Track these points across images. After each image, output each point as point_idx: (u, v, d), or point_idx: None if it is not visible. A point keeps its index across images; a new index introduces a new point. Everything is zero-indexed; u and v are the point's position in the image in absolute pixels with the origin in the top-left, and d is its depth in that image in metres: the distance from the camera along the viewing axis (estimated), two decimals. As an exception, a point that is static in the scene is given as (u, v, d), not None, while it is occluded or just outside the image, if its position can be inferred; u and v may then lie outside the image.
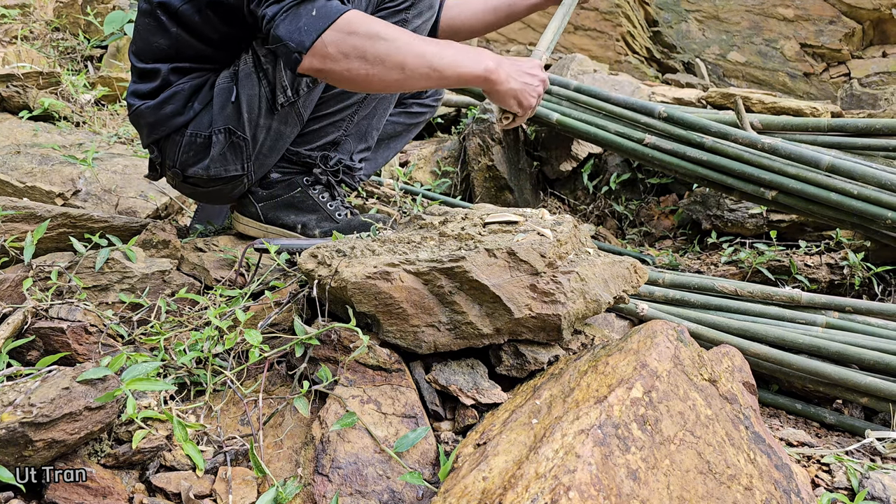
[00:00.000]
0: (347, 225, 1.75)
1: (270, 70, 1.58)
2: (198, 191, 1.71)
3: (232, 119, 1.60)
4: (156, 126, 1.62)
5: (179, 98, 1.60)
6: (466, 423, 1.08)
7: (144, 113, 1.61)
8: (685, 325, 1.52)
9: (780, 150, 2.11)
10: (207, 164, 1.63)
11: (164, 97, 1.59)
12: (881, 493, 1.09)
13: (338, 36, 1.33)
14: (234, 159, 1.64)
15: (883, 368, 1.52)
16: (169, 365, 1.16)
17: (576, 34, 6.61)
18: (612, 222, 2.95)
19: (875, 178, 1.96)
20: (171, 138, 1.63)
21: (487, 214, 1.28)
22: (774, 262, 2.36)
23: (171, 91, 1.60)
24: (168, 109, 1.60)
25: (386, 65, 1.37)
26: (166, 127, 1.61)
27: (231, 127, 1.60)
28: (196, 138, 1.61)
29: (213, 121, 1.61)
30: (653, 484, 0.83)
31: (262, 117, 1.62)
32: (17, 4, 4.00)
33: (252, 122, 1.61)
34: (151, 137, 1.64)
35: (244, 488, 0.97)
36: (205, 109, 1.61)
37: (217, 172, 1.64)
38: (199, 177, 1.65)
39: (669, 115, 2.35)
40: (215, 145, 1.61)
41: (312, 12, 1.33)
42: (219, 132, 1.61)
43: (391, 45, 1.36)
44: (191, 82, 1.61)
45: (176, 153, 1.64)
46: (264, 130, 1.64)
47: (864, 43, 6.41)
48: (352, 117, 1.75)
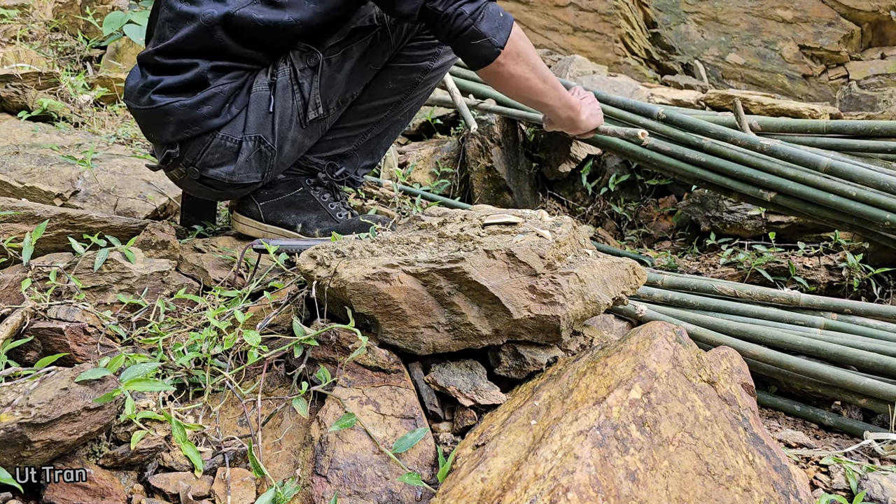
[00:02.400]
0: (347, 225, 1.75)
1: (306, 85, 1.59)
2: (208, 190, 1.69)
3: (264, 128, 1.59)
4: (187, 125, 1.55)
5: (218, 100, 1.55)
6: (465, 424, 1.08)
7: (177, 110, 1.53)
8: (684, 327, 1.52)
9: (778, 152, 2.12)
10: (233, 169, 1.61)
11: (203, 97, 1.53)
12: (879, 494, 1.09)
13: (518, 39, 1.53)
14: (258, 167, 1.64)
15: (881, 370, 1.52)
16: (167, 366, 1.16)
17: (574, 35, 6.62)
18: (610, 223, 2.95)
19: (874, 179, 1.96)
20: (199, 138, 1.57)
21: (486, 215, 1.28)
22: (773, 264, 2.36)
23: (211, 91, 1.54)
24: (204, 110, 1.54)
25: (537, 72, 1.60)
26: (199, 127, 1.55)
27: (262, 136, 1.60)
28: (226, 142, 1.58)
29: (245, 127, 1.58)
30: (651, 485, 0.83)
31: (292, 130, 1.62)
32: (15, 5, 4.00)
33: (282, 134, 1.62)
34: (178, 136, 1.57)
35: (243, 489, 0.97)
36: (240, 114, 1.58)
37: (240, 178, 1.63)
38: (219, 179, 1.61)
39: (668, 116, 2.36)
40: (244, 152, 1.60)
41: (500, 14, 1.51)
42: (249, 139, 1.59)
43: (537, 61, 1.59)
44: (230, 84, 1.56)
45: (199, 153, 1.59)
46: (290, 142, 1.64)
47: (862, 45, 6.42)
48: (365, 134, 1.79)
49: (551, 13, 6.68)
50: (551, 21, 6.66)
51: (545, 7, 6.67)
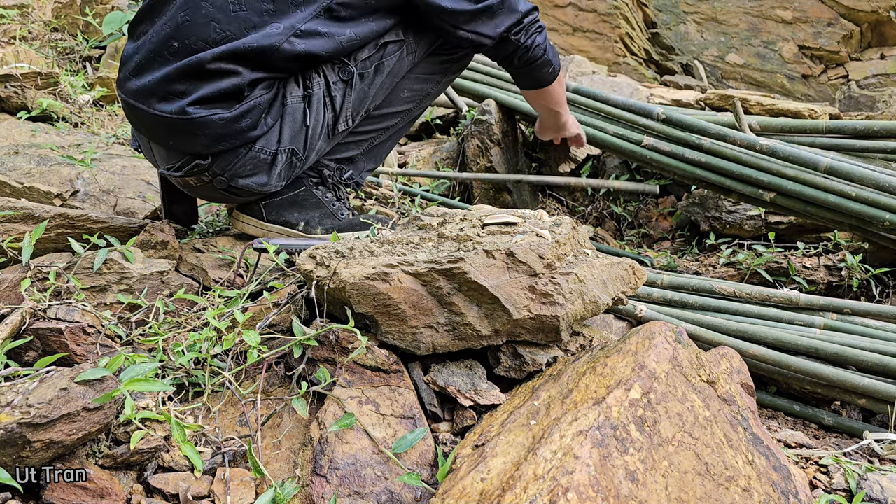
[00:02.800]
0: (349, 224, 1.76)
1: (339, 97, 1.59)
2: (228, 196, 1.67)
3: (297, 140, 1.59)
4: (224, 138, 1.49)
5: (257, 112, 1.49)
6: (465, 424, 1.08)
7: (214, 124, 1.46)
8: (683, 327, 1.52)
9: (778, 152, 2.12)
10: (266, 180, 1.59)
11: (242, 111, 1.47)
12: (879, 494, 1.09)
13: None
14: (286, 176, 1.64)
15: (881, 370, 1.52)
16: (167, 366, 1.16)
17: (574, 35, 6.62)
18: (610, 224, 2.95)
19: (873, 179, 1.96)
20: (234, 150, 1.52)
21: (486, 215, 1.28)
22: (773, 264, 2.36)
23: (251, 104, 1.48)
24: (244, 123, 1.48)
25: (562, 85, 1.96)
26: (237, 140, 1.50)
27: (295, 148, 1.59)
28: (260, 154, 1.55)
29: (280, 139, 1.56)
30: (651, 485, 0.83)
31: (320, 141, 1.63)
32: (15, 5, 4.00)
33: (311, 145, 1.62)
34: (214, 148, 1.50)
35: (242, 489, 0.97)
36: (275, 126, 1.56)
37: (269, 188, 1.63)
38: (249, 189, 1.60)
39: (668, 116, 2.36)
40: (278, 164, 1.59)
41: (550, 41, 1.77)
42: (284, 152, 1.58)
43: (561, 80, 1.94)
44: (265, 95, 1.50)
45: (232, 164, 1.54)
46: (315, 151, 1.65)
47: (862, 45, 6.42)
48: (373, 140, 1.81)
49: (551, 13, 6.68)
50: (551, 21, 6.66)
51: (545, 7, 6.67)
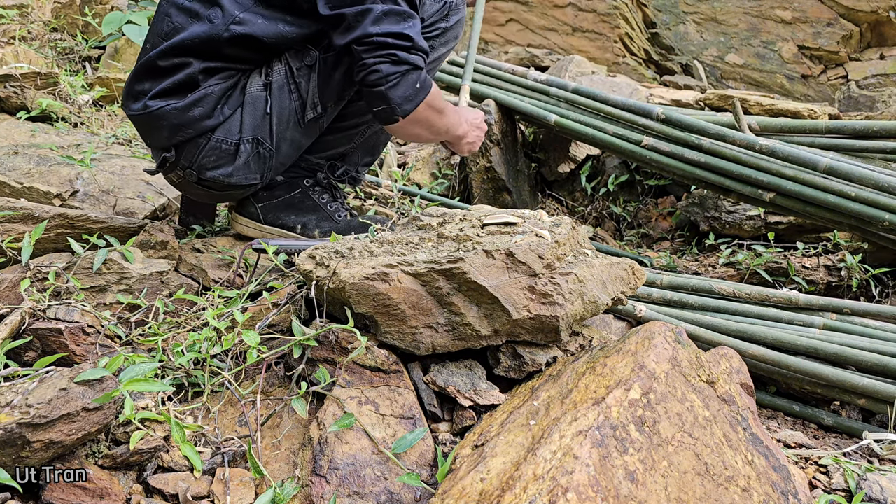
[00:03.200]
0: (347, 226, 1.75)
1: (303, 84, 1.58)
2: (208, 192, 1.68)
3: (262, 130, 1.58)
4: (180, 128, 1.54)
5: (209, 101, 1.53)
6: (464, 424, 1.08)
7: (168, 114, 1.53)
8: (683, 327, 1.52)
9: (777, 152, 2.12)
10: (231, 171, 1.60)
11: (194, 99, 1.52)
12: (878, 494, 1.09)
13: (423, 108, 1.57)
14: (257, 168, 1.63)
15: (880, 370, 1.52)
16: (167, 366, 1.16)
17: (574, 35, 6.62)
18: (610, 224, 2.95)
19: (873, 179, 1.96)
20: (193, 140, 1.56)
21: (486, 216, 1.28)
22: (772, 264, 2.36)
23: (201, 93, 1.53)
24: (196, 112, 1.53)
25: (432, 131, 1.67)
26: (193, 129, 1.54)
27: (259, 137, 1.59)
28: (222, 144, 1.57)
29: (242, 128, 1.57)
30: (651, 485, 0.83)
31: (290, 130, 1.61)
32: (15, 5, 4.00)
33: (280, 135, 1.61)
34: (173, 139, 1.56)
35: (242, 489, 0.97)
36: (233, 115, 1.57)
37: (238, 180, 1.62)
38: (217, 182, 1.61)
39: (667, 116, 2.36)
40: (242, 154, 1.59)
41: (417, 84, 1.53)
42: (247, 141, 1.58)
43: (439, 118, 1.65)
44: (220, 84, 1.55)
45: (195, 155, 1.58)
46: (288, 142, 1.63)
47: (861, 45, 6.42)
48: (364, 132, 1.79)
49: (550, 13, 6.69)
50: (550, 21, 6.67)
51: (544, 7, 6.68)
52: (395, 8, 1.47)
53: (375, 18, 1.46)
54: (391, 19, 1.47)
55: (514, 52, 4.93)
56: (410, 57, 1.49)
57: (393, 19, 1.47)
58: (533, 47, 6.03)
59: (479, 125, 1.88)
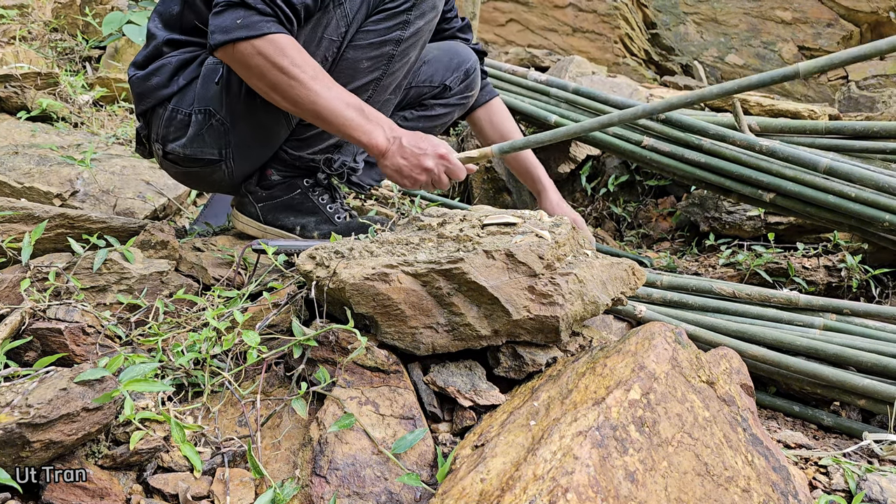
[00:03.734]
0: (346, 228, 1.75)
1: None
2: (178, 169, 1.71)
3: (214, 101, 1.60)
4: (142, 97, 1.63)
5: (166, 70, 1.61)
6: (464, 424, 1.08)
7: (134, 83, 1.64)
8: (683, 327, 1.52)
9: (777, 153, 2.12)
10: (185, 142, 1.63)
11: (153, 68, 1.61)
12: (878, 495, 1.09)
13: (251, 51, 1.42)
14: (213, 143, 1.64)
15: (880, 371, 1.52)
16: (167, 366, 1.16)
17: (574, 36, 6.62)
18: (610, 224, 2.95)
19: (873, 180, 1.96)
20: (155, 111, 1.64)
21: (486, 216, 1.28)
22: (772, 265, 2.36)
23: (160, 63, 1.61)
24: (154, 81, 1.61)
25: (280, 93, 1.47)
26: (151, 98, 1.62)
27: (212, 109, 1.60)
28: (176, 114, 1.62)
29: (194, 99, 1.61)
30: (651, 486, 0.83)
31: (242, 104, 1.60)
32: (15, 5, 4.00)
33: (232, 108, 1.60)
34: (139, 108, 1.66)
35: (242, 489, 0.97)
36: (189, 85, 1.61)
37: (193, 153, 1.64)
38: (176, 154, 1.65)
39: (667, 117, 2.36)
40: (194, 125, 1.62)
41: (238, 20, 1.41)
42: (199, 112, 1.61)
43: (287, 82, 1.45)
44: (180, 56, 1.62)
45: (159, 126, 1.65)
46: (246, 119, 1.61)
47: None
48: None
49: (550, 14, 6.69)
50: (550, 22, 6.67)
51: (544, 8, 6.68)
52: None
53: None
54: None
55: (515, 52, 4.93)
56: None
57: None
58: (533, 48, 6.03)
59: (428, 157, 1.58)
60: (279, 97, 1.48)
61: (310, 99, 1.46)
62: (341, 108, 1.49)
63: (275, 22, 1.44)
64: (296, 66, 1.44)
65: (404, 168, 1.57)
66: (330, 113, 1.48)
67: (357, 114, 1.50)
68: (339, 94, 1.49)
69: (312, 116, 1.50)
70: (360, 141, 1.53)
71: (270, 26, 1.43)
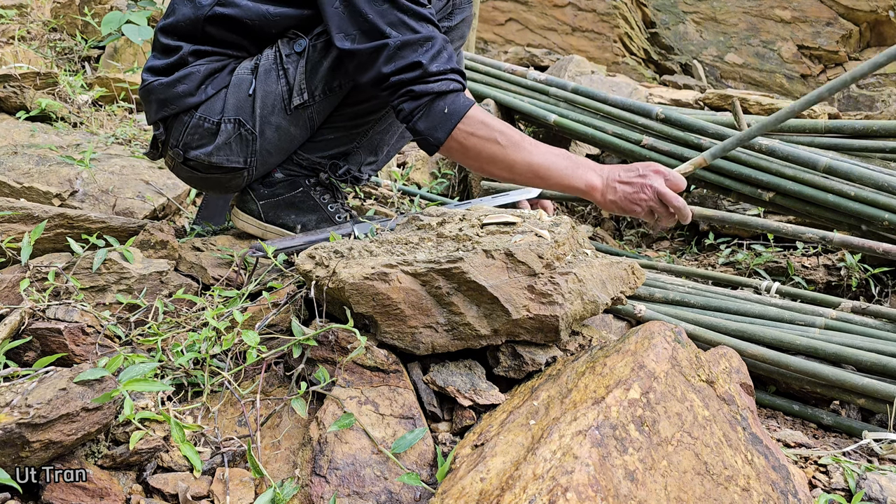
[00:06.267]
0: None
1: (291, 70, 1.59)
2: (195, 175, 1.70)
3: (244, 111, 1.61)
4: (165, 103, 1.62)
5: (194, 79, 1.60)
6: (464, 424, 1.08)
7: (155, 89, 1.61)
8: (682, 326, 1.52)
9: (777, 152, 2.12)
10: (211, 150, 1.63)
11: (179, 76, 1.60)
12: (878, 494, 1.09)
13: (463, 135, 1.50)
14: (239, 151, 1.64)
15: (880, 370, 1.52)
16: (166, 366, 1.16)
17: (573, 35, 6.62)
18: (609, 224, 2.95)
19: (872, 179, 1.96)
20: (178, 117, 1.63)
21: (485, 215, 1.28)
22: (772, 264, 2.36)
23: (187, 70, 1.60)
24: (180, 88, 1.60)
25: (497, 165, 1.54)
26: (176, 105, 1.61)
27: (242, 119, 1.61)
28: (204, 122, 1.61)
29: (224, 109, 1.61)
30: (650, 485, 0.83)
31: (274, 115, 1.62)
32: (14, 5, 4.00)
33: (263, 119, 1.62)
34: (159, 114, 1.64)
35: (242, 489, 0.97)
36: (217, 95, 1.61)
37: (219, 161, 1.64)
38: (200, 161, 1.64)
39: (667, 116, 2.36)
40: (222, 133, 1.62)
41: (444, 110, 1.48)
42: (228, 122, 1.61)
43: (502, 151, 1.52)
44: (208, 65, 1.61)
45: (181, 133, 1.63)
46: (273, 128, 1.64)
47: (861, 45, 6.43)
48: (367, 131, 1.77)
49: (550, 13, 6.69)
50: (550, 21, 6.67)
51: (544, 7, 6.68)
52: (410, 38, 1.45)
53: (388, 56, 1.45)
54: (405, 52, 1.45)
55: (514, 51, 4.93)
56: (429, 87, 1.46)
57: (407, 51, 1.45)
58: (532, 47, 6.03)
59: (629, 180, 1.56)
60: (495, 168, 1.54)
61: (525, 161, 1.53)
62: (555, 161, 1.55)
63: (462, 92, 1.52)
64: (502, 133, 1.52)
65: (631, 194, 1.57)
66: (546, 170, 1.54)
67: (567, 162, 1.56)
68: (546, 148, 1.56)
69: (530, 175, 1.55)
70: (579, 188, 1.56)
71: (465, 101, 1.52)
